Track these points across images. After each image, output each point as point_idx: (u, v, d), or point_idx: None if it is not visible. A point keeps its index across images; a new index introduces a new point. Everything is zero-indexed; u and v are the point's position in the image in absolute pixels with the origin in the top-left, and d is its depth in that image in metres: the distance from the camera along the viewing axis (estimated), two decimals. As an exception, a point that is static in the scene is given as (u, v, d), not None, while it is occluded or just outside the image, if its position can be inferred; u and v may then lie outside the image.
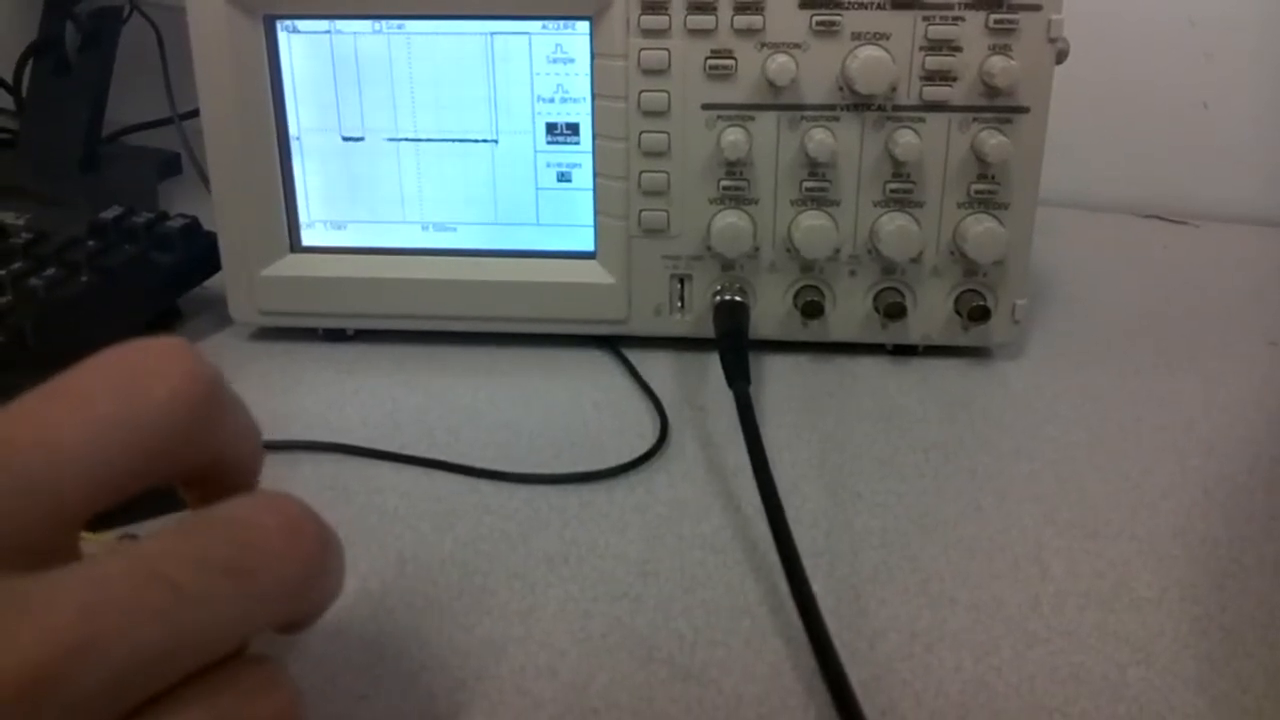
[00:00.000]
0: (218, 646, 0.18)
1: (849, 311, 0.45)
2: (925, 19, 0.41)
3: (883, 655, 0.29)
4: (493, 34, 0.44)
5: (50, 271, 0.45)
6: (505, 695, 0.28)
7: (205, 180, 0.46)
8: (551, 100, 0.44)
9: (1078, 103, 0.61)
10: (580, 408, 0.42)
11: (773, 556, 0.31)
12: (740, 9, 0.41)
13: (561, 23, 0.43)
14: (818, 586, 0.30)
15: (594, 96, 0.44)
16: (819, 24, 0.41)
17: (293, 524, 0.19)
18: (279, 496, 0.20)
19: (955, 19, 0.41)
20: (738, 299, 0.45)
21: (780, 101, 0.42)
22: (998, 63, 0.41)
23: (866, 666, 0.29)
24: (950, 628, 0.30)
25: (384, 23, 0.44)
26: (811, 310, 0.45)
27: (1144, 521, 0.35)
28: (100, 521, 0.27)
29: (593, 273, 0.46)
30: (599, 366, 0.46)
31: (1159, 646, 0.30)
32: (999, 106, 0.42)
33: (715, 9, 0.41)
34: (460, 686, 0.28)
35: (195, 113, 0.45)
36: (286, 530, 0.19)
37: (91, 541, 0.26)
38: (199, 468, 0.21)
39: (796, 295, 0.45)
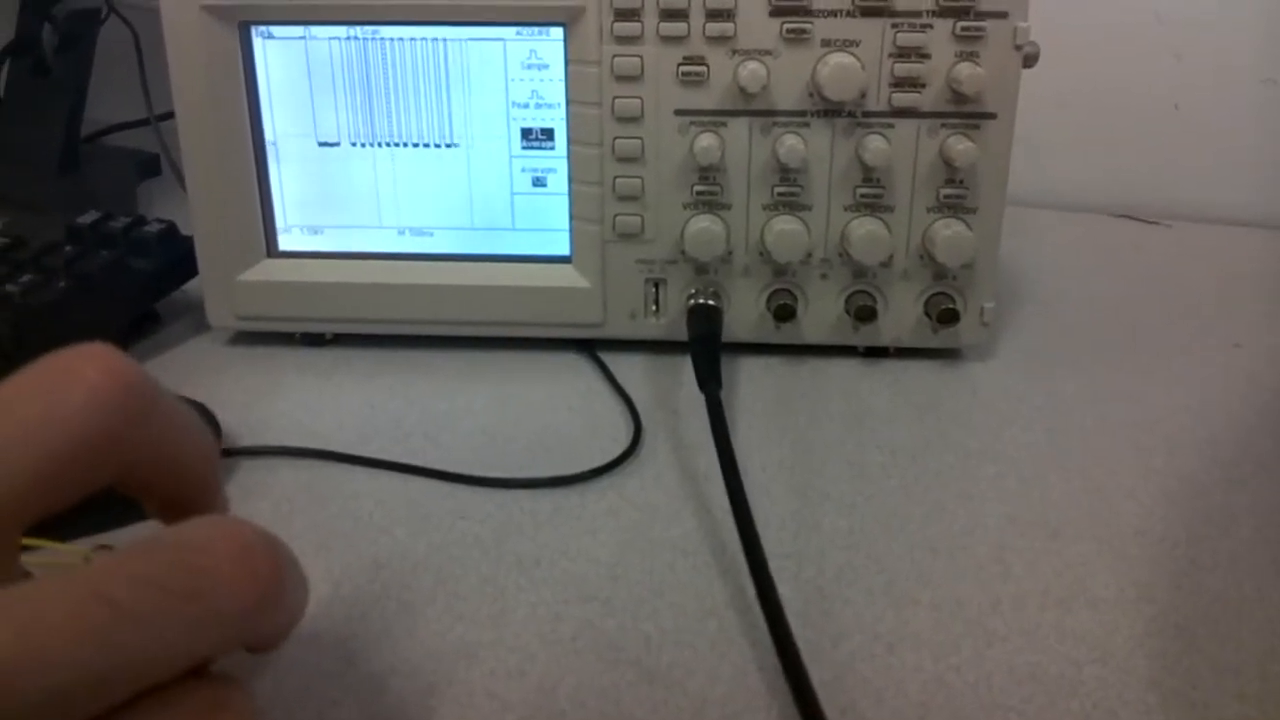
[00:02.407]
0: (163, 668, 0.18)
1: (821, 314, 0.46)
2: (894, 26, 0.42)
3: (845, 655, 0.30)
4: (467, 40, 0.44)
5: (27, 277, 0.45)
6: (475, 699, 0.28)
7: (183, 182, 0.46)
8: (526, 106, 0.45)
9: (1050, 104, 0.62)
10: (556, 411, 0.43)
11: (741, 559, 0.32)
12: (712, 16, 0.42)
13: (536, 29, 0.44)
14: (784, 588, 0.31)
15: (568, 102, 0.44)
16: (789, 31, 0.42)
17: (244, 549, 0.19)
18: (234, 521, 0.20)
19: (923, 26, 0.42)
20: (711, 302, 0.45)
21: (752, 108, 0.43)
22: (965, 69, 0.42)
23: (829, 667, 0.29)
24: (912, 628, 0.31)
25: (359, 29, 0.44)
26: (784, 313, 0.45)
27: (1105, 522, 0.36)
28: (71, 530, 0.27)
29: (568, 277, 0.46)
30: (574, 370, 0.46)
31: (1114, 644, 0.30)
32: (966, 113, 0.43)
33: (687, 16, 0.42)
34: (431, 691, 0.29)
35: (173, 114, 0.46)
36: (237, 555, 0.19)
37: (64, 552, 0.27)
38: (138, 470, 0.21)
39: (769, 298, 0.46)
